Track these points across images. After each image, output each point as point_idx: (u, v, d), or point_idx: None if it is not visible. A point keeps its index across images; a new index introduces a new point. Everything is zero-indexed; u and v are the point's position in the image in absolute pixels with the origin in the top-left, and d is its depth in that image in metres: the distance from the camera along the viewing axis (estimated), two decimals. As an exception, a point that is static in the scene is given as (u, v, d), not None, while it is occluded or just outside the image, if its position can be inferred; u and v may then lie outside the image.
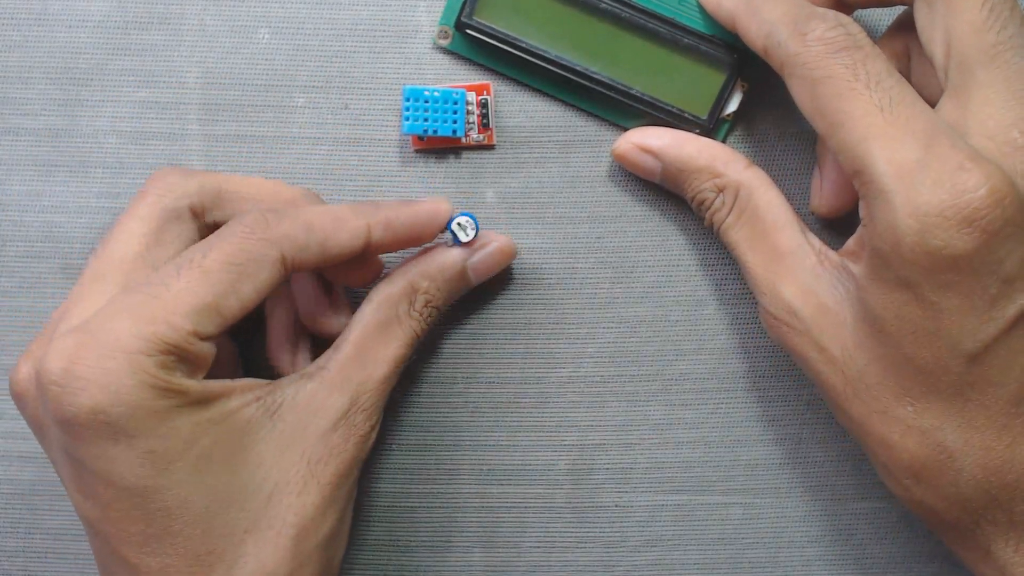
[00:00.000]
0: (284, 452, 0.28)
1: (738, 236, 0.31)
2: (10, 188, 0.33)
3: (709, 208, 0.31)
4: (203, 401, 0.26)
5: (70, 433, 0.25)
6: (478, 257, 0.31)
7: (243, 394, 0.28)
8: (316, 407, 0.29)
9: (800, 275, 0.29)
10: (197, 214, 0.29)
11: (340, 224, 0.28)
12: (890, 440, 0.27)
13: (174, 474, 0.26)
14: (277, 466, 0.28)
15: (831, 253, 0.29)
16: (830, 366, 0.28)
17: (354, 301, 0.32)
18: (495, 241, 0.31)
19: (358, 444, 0.29)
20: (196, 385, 0.26)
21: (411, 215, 0.30)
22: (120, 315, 0.25)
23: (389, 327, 0.30)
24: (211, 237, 0.27)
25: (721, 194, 0.31)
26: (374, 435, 0.30)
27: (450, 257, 0.31)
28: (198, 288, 0.26)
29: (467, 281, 0.32)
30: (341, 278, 0.31)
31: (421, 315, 0.31)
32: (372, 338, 0.30)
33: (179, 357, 0.26)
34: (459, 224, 0.31)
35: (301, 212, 0.28)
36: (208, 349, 0.26)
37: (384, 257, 0.33)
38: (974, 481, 0.26)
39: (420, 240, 0.30)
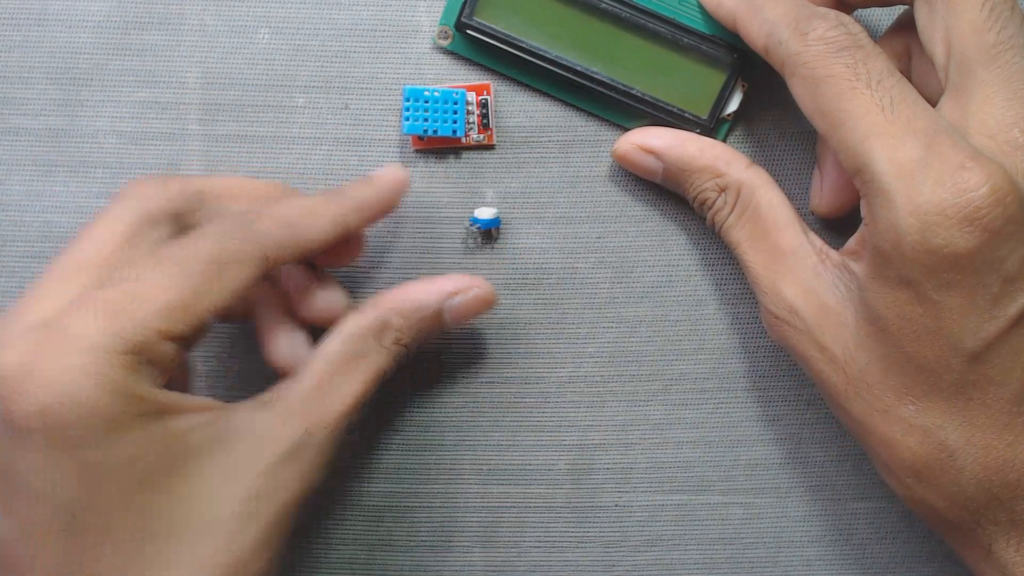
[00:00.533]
0: (227, 483, 0.26)
1: (739, 235, 0.31)
2: (10, 188, 0.33)
3: (711, 208, 0.31)
4: (157, 413, 0.25)
5: (12, 435, 0.24)
6: (457, 301, 0.30)
7: (196, 414, 0.26)
8: (267, 438, 0.27)
9: (801, 274, 0.29)
10: (179, 219, 0.28)
11: (315, 216, 0.28)
12: (892, 439, 0.27)
13: (110, 492, 0.24)
14: (217, 498, 0.26)
15: (832, 252, 0.29)
16: (831, 365, 0.28)
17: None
18: (476, 287, 0.30)
19: (306, 481, 0.28)
20: (155, 393, 0.25)
21: (377, 193, 0.30)
22: (86, 309, 0.24)
23: (355, 361, 0.29)
24: (189, 236, 0.26)
25: (723, 194, 0.31)
26: (325, 473, 0.28)
27: (427, 296, 0.30)
28: (173, 283, 0.25)
29: (442, 323, 0.30)
30: (324, 262, 0.31)
31: (390, 352, 0.29)
32: (335, 371, 0.29)
33: (145, 359, 0.24)
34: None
35: (278, 209, 0.28)
36: (173, 352, 0.25)
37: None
38: (976, 480, 0.26)
39: (389, 211, 0.30)
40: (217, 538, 0.26)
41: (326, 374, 0.28)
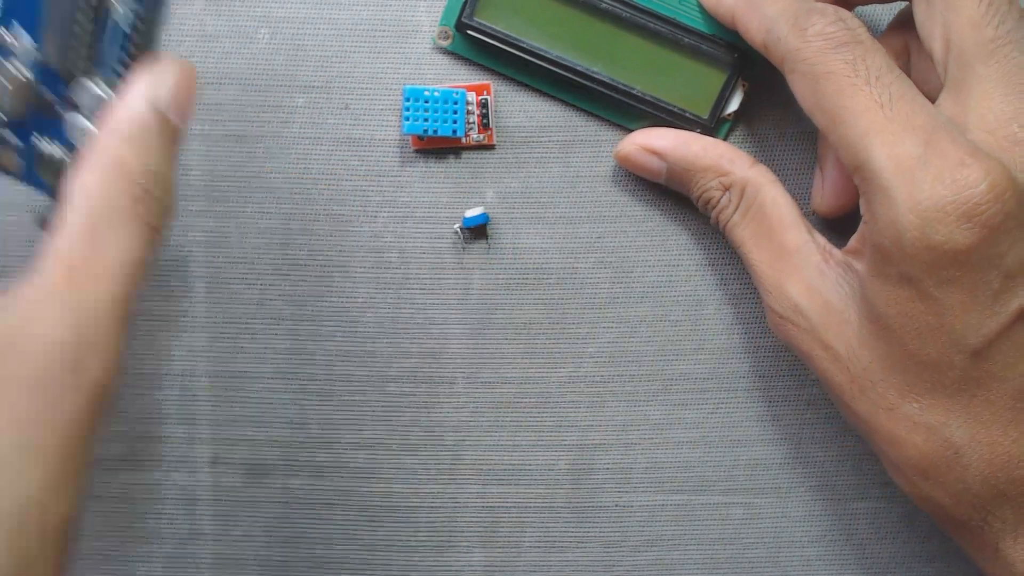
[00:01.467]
0: None
1: (744, 234, 0.31)
2: (10, 188, 0.33)
3: (715, 207, 0.31)
4: None
5: None
6: (164, 91, 0.24)
7: None
8: (21, 347, 0.21)
9: (805, 273, 0.29)
10: None
11: None
12: (897, 437, 0.27)
13: None
14: None
15: (836, 251, 0.29)
16: (835, 364, 0.28)
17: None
18: (165, 64, 0.24)
19: (92, 395, 0.22)
20: None
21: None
22: None
23: (106, 223, 0.22)
24: None
25: (727, 192, 0.31)
26: (114, 381, 0.22)
27: (131, 106, 0.23)
28: None
29: (170, 128, 0.24)
30: None
31: (145, 189, 0.23)
32: (84, 245, 0.22)
33: None
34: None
35: None
36: None
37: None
38: (982, 477, 0.26)
39: None
40: None
41: (76, 253, 0.22)
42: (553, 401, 0.34)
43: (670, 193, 0.33)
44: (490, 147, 0.33)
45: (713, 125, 0.32)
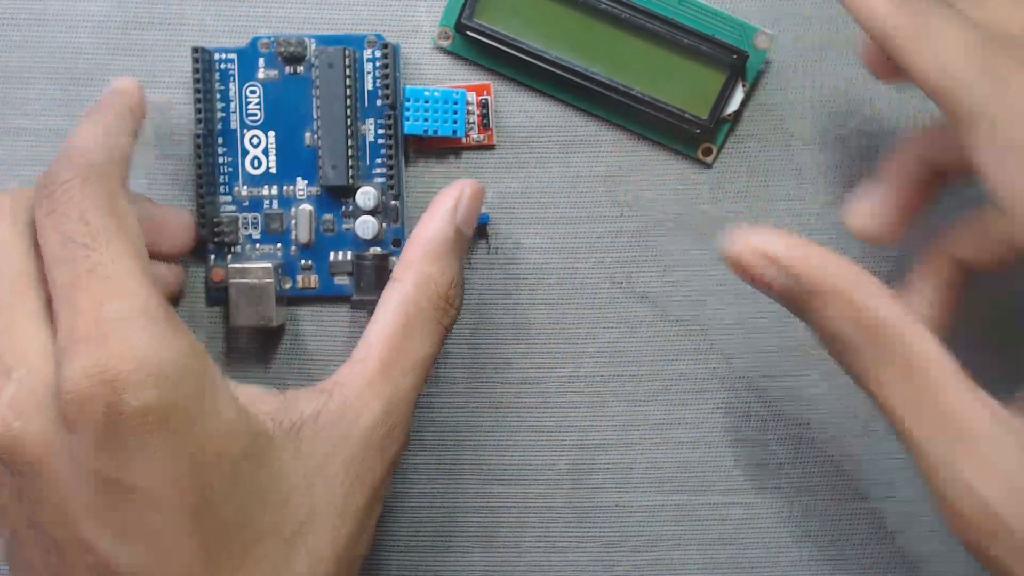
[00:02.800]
0: (315, 478, 0.25)
1: (890, 393, 0.23)
2: (10, 188, 0.33)
3: (845, 348, 0.23)
4: (224, 389, 0.24)
5: (121, 444, 0.22)
6: (461, 211, 0.29)
7: (258, 402, 0.25)
8: (344, 428, 0.26)
9: (1001, 465, 0.21)
10: None
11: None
12: None
13: (218, 486, 0.23)
14: (308, 494, 0.25)
15: None
16: None
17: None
18: (466, 188, 0.29)
19: (392, 462, 0.27)
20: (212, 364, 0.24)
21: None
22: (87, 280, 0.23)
23: (415, 329, 0.28)
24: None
25: (862, 331, 0.23)
26: (406, 443, 0.28)
27: (440, 226, 0.29)
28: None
29: (465, 240, 0.29)
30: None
31: (448, 301, 0.28)
32: (398, 345, 0.27)
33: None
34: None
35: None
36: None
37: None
38: None
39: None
40: (319, 530, 0.25)
41: (388, 352, 0.27)
42: (553, 401, 0.34)
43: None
44: (490, 147, 0.33)
45: (713, 125, 0.32)
